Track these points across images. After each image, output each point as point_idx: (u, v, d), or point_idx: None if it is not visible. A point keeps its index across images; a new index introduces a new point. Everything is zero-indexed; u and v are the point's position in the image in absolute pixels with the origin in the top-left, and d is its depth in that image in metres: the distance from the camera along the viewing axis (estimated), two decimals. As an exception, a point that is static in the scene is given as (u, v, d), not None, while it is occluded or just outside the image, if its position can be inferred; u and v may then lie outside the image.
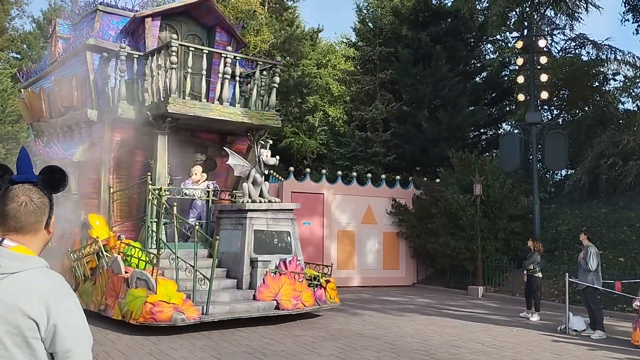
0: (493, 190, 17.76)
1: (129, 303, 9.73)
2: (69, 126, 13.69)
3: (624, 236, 16.06)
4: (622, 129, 19.28)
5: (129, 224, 12.64)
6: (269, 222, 12.00)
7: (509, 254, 17.59)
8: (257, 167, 12.19)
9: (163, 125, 12.08)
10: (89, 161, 12.75)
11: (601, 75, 23.24)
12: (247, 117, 12.87)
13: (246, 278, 11.39)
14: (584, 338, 10.43)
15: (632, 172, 17.42)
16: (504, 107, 26.06)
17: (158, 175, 12.07)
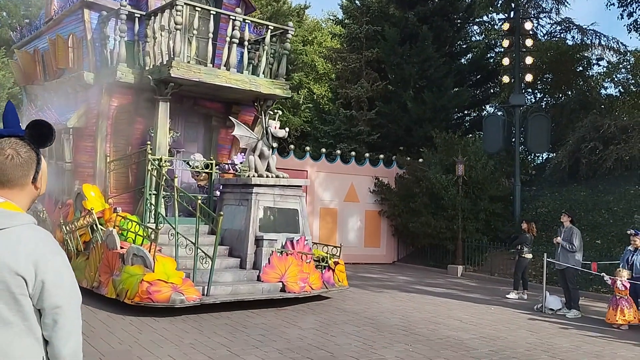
0: (475, 171, 17.91)
1: (124, 281, 9.09)
2: (64, 89, 12.81)
3: (601, 219, 16.32)
4: (603, 113, 19.48)
5: (125, 196, 11.88)
6: (276, 199, 11.27)
7: (489, 235, 17.80)
8: (264, 139, 11.44)
9: (165, 90, 11.30)
10: (85, 127, 12.01)
11: (585, 60, 23.42)
12: (255, 85, 12.06)
13: (250, 257, 10.69)
14: (560, 317, 10.65)
15: (611, 157, 17.65)
16: (489, 89, 26.17)
17: (158, 145, 11.29)
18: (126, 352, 6.88)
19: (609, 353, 7.94)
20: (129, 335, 7.61)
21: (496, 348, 7.90)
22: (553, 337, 8.80)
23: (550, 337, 8.78)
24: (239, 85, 11.81)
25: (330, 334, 8.30)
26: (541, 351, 7.84)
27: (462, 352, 7.56)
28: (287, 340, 7.81)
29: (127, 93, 11.82)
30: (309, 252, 11.21)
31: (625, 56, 22.83)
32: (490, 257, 16.87)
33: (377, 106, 22.84)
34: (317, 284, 10.89)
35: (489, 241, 17.37)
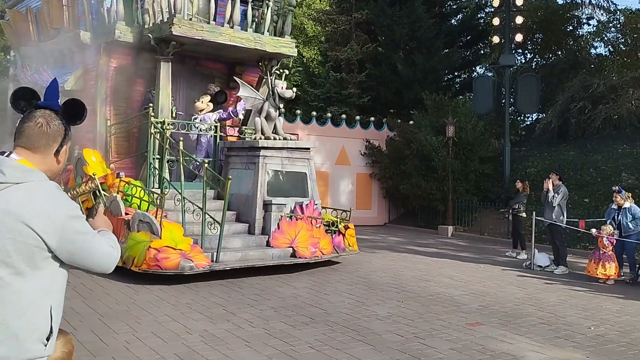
0: (465, 132, 17.99)
1: (130, 248, 8.79)
2: (59, 50, 12.25)
3: (589, 178, 16.53)
4: (593, 73, 19.52)
5: (128, 161, 11.41)
6: (284, 162, 10.89)
7: (478, 195, 18.00)
8: (270, 100, 11.03)
9: (166, 50, 10.81)
10: (83, 90, 11.47)
11: (575, 19, 23.31)
12: (260, 44, 11.53)
13: (259, 222, 10.38)
14: (548, 273, 10.90)
15: (600, 116, 17.77)
16: (479, 50, 26.06)
17: (161, 107, 10.86)
18: (124, 312, 7.02)
19: (594, 306, 8.17)
20: (126, 297, 7.74)
21: (485, 303, 8.11)
22: (541, 293, 9.02)
23: (538, 293, 9.01)
24: (243, 44, 11.30)
25: (324, 292, 8.48)
26: (529, 305, 8.05)
27: (452, 308, 7.76)
28: (282, 298, 7.98)
29: (126, 53, 11.34)
30: (319, 216, 10.94)
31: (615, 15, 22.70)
32: (480, 217, 17.11)
33: (367, 68, 22.74)
34: (328, 249, 10.63)
35: (479, 201, 17.58)
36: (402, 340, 6.19)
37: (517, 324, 6.98)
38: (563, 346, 6.13)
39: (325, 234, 10.82)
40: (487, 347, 5.99)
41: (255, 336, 6.18)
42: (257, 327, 6.55)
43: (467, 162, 17.99)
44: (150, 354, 5.49)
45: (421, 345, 6.03)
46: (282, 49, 11.94)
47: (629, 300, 8.64)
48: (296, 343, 5.98)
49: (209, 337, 6.11)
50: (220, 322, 6.70)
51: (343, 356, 5.59)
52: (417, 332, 6.49)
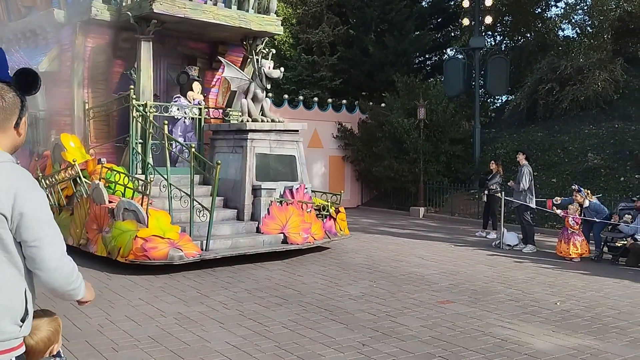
0: (436, 114, 18.16)
1: (115, 238, 8.45)
2: (31, 30, 11.64)
3: (557, 158, 16.86)
4: (560, 55, 19.79)
5: (108, 146, 11.01)
6: (272, 145, 10.52)
7: (449, 177, 18.24)
8: (257, 81, 10.67)
9: (147, 29, 10.34)
10: (58, 72, 11.01)
11: (543, 1, 23.57)
12: (245, 22, 11.12)
13: (248, 208, 10.05)
14: (516, 252, 11.14)
15: (567, 97, 18.08)
16: (449, 32, 26.20)
17: (142, 89, 10.42)
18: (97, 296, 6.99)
19: (561, 282, 8.40)
20: (99, 282, 7.71)
21: (456, 282, 8.28)
22: (509, 271, 9.24)
23: (506, 271, 9.22)
24: (227, 22, 10.92)
25: (297, 274, 8.56)
26: (498, 283, 8.25)
27: (423, 287, 7.91)
28: (255, 280, 8.04)
29: (103, 32, 10.83)
30: (310, 201, 10.63)
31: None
32: (451, 199, 17.34)
33: (339, 51, 22.70)
34: (319, 234, 10.37)
35: (450, 183, 17.82)
36: (374, 318, 6.31)
37: (486, 301, 7.15)
38: (530, 321, 6.31)
39: (317, 218, 10.54)
40: (457, 324, 6.14)
41: (229, 317, 6.24)
42: (231, 308, 6.61)
43: (438, 144, 18.18)
44: (124, 337, 5.51)
45: (393, 323, 6.15)
46: (267, 27, 11.59)
47: (593, 276, 8.91)
48: (270, 323, 6.05)
49: (182, 319, 6.15)
50: (194, 304, 6.74)
51: (316, 335, 5.68)
52: (389, 311, 6.61)
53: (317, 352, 5.20)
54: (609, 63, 18.26)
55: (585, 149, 16.59)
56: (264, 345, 5.37)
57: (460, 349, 5.36)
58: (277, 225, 9.89)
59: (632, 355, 5.26)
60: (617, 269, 9.67)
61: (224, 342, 5.42)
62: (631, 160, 15.33)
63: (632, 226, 10.03)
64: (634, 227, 9.99)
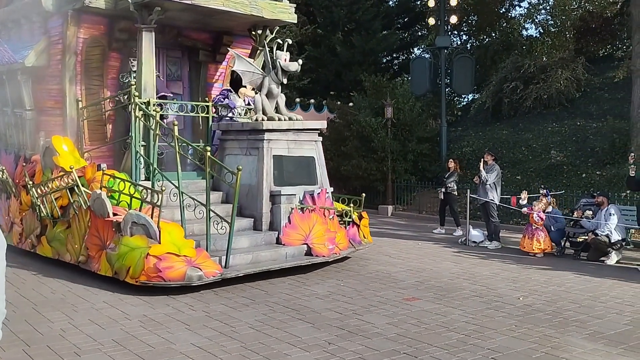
0: (403, 113, 18.29)
1: (123, 256, 7.42)
2: (15, 20, 10.57)
3: (521, 156, 17.15)
4: (524, 54, 20.17)
5: (103, 150, 9.88)
6: (290, 145, 9.51)
7: (417, 175, 18.39)
8: (272, 75, 9.57)
9: (149, 17, 9.22)
10: (47, 66, 9.97)
11: (508, 1, 23.99)
12: (257, 9, 10.09)
13: (266, 217, 9.03)
14: (482, 248, 11.30)
15: (531, 96, 18.42)
16: (416, 31, 26.48)
17: (144, 85, 9.34)
18: (59, 300, 6.89)
19: (524, 278, 8.56)
20: (62, 285, 7.59)
21: (422, 279, 8.36)
22: (474, 267, 9.37)
23: (472, 267, 9.36)
24: (237, 9, 9.82)
25: (264, 274, 8.53)
26: (463, 279, 8.36)
27: (390, 284, 7.98)
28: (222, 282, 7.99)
29: (98, 22, 9.81)
30: (332, 206, 9.66)
31: (545, -3, 23.54)
32: (419, 197, 17.50)
33: (307, 50, 22.74)
34: (344, 244, 9.41)
35: (417, 181, 17.97)
36: (341, 317, 6.34)
37: (451, 298, 7.25)
38: (493, 317, 6.42)
39: (340, 226, 9.58)
40: (422, 321, 6.21)
41: (195, 319, 6.20)
42: (197, 310, 6.58)
43: (405, 143, 18.32)
44: (87, 341, 5.44)
45: (359, 321, 6.19)
46: (280, 14, 10.61)
47: (555, 271, 9.09)
48: (236, 324, 6.04)
49: (148, 321, 6.10)
50: (159, 306, 6.68)
51: (283, 335, 5.69)
52: (356, 309, 6.66)
53: (283, 352, 5.21)
54: (571, 62, 18.65)
55: (549, 146, 16.92)
56: (230, 346, 5.36)
57: (425, 345, 5.43)
58: (299, 236, 8.93)
59: (592, 348, 5.40)
60: (579, 263, 9.89)
61: (189, 344, 5.39)
62: (592, 157, 15.68)
63: (593, 221, 10.26)
64: (594, 223, 10.22)
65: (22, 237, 9.76)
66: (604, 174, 14.79)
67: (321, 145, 10.06)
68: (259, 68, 9.92)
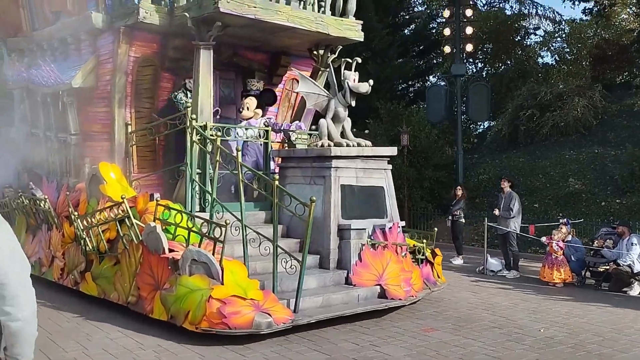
0: (419, 140, 18.28)
1: (181, 299, 6.56)
2: (62, 39, 9.81)
3: (539, 183, 17.00)
4: (540, 82, 20.14)
5: (154, 177, 9.14)
6: (359, 174, 8.66)
7: (433, 202, 18.28)
8: (339, 97, 8.77)
9: (208, 33, 8.46)
10: (95, 88, 9.26)
11: (523, 29, 24.08)
12: (322, 26, 9.23)
13: (333, 253, 8.10)
14: (500, 277, 11.14)
15: (548, 123, 18.34)
16: (431, 59, 26.55)
17: (200, 107, 8.50)
18: (74, 329, 6.86)
19: (545, 308, 8.39)
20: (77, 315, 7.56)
21: (440, 309, 8.23)
22: (493, 297, 9.22)
23: (490, 297, 9.20)
24: (303, 25, 8.97)
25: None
26: (482, 310, 8.22)
27: (408, 314, 7.85)
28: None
29: (151, 39, 9.05)
30: (404, 242, 8.75)
31: (560, 25, 23.58)
32: (435, 224, 17.34)
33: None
34: (418, 284, 8.42)
35: (434, 208, 17.85)
36: (358, 348, 6.24)
37: (470, 329, 7.11)
38: (514, 349, 6.27)
39: (413, 264, 8.66)
40: (441, 353, 6.09)
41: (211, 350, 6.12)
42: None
43: (421, 170, 18.26)
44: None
45: (377, 352, 6.08)
46: (347, 32, 9.81)
47: (577, 302, 8.91)
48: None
49: (162, 351, 6.03)
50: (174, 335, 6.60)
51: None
52: (373, 340, 6.54)
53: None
54: (588, 89, 18.58)
55: (566, 174, 16.76)
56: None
57: (444, 378, 5.30)
58: (372, 275, 8.00)
59: (616, 383, 5.24)
60: (600, 294, 9.69)
61: (204, 375, 5.30)
62: (611, 185, 15.50)
63: (615, 251, 10.09)
64: (616, 252, 10.05)
65: (63, 273, 8.80)
66: (624, 202, 14.61)
67: (391, 174, 9.27)
68: (325, 90, 9.08)
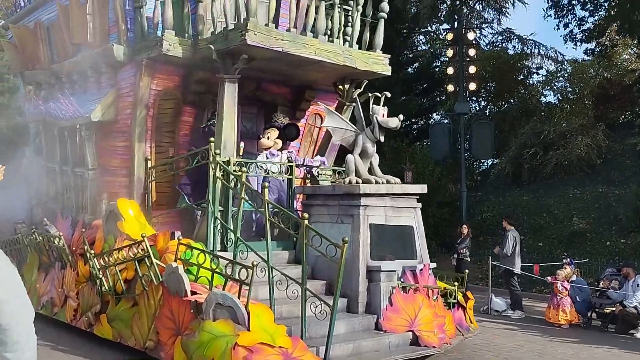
0: (423, 178, 18.30)
1: (205, 345, 6.10)
2: (81, 72, 9.63)
3: (543, 222, 16.95)
4: (543, 120, 20.27)
5: (173, 214, 8.87)
6: (388, 213, 8.23)
7: (437, 240, 18.20)
8: (367, 132, 8.45)
9: (234, 66, 8.14)
10: (115, 121, 8.97)
11: (526, 68, 24.33)
12: (350, 59, 8.93)
13: (362, 297, 7.67)
14: (505, 317, 11.04)
15: (551, 162, 18.39)
16: (435, 97, 26.77)
17: (224, 142, 8.17)
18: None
19: (550, 351, 8.28)
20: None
21: (443, 350, 8.11)
22: (497, 338, 9.12)
23: (494, 338, 9.10)
24: (331, 59, 8.64)
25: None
26: (486, 351, 8.12)
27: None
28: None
29: (173, 72, 8.82)
30: (435, 285, 8.33)
31: (563, 65, 23.83)
32: (439, 261, 17.22)
33: (327, 115, 23.05)
34: (451, 330, 7.93)
35: (437, 246, 17.77)
36: (361, 390, 6.14)
37: (474, 371, 7.02)
38: (519, 393, 6.18)
39: (445, 309, 8.17)
40: (445, 396, 6.00)
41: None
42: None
43: (425, 207, 18.14)
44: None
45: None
46: (374, 65, 9.51)
47: (583, 344, 8.80)
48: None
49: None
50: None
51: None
52: (376, 382, 6.45)
53: None
54: (591, 128, 18.69)
55: (571, 212, 16.73)
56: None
57: (449, 423, 5.21)
58: (403, 321, 7.51)
59: None
60: (607, 336, 9.59)
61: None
62: (616, 225, 15.45)
63: (621, 292, 10.01)
64: (622, 294, 9.97)
65: (77, 314, 8.36)
66: (629, 242, 14.54)
67: (420, 213, 8.84)
68: (352, 124, 8.75)
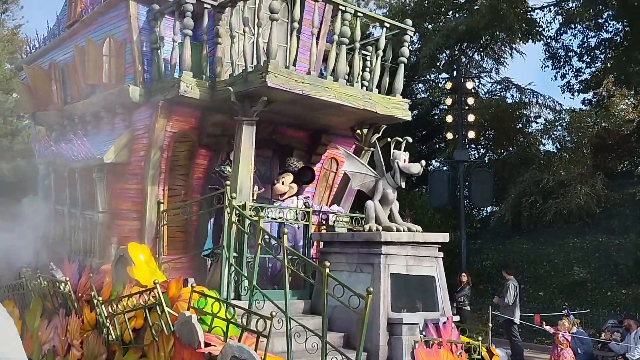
0: (422, 224, 18.09)
1: None
2: (95, 113, 9.43)
3: (543, 271, 16.83)
4: (542, 168, 20.36)
5: (185, 260, 8.54)
6: (409, 262, 7.87)
7: (436, 288, 18.07)
8: (387, 178, 8.23)
9: (252, 108, 7.98)
10: (128, 163, 8.78)
11: (524, 117, 24.59)
12: (370, 104, 8.70)
13: (383, 351, 7.23)
14: (505, 370, 10.82)
15: (551, 210, 18.37)
16: (434, 144, 27.00)
17: (240, 185, 7.92)
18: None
19: (552, 405, 8.10)
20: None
21: (443, 403, 7.93)
22: (499, 391, 8.92)
23: (496, 391, 8.89)
24: (351, 103, 8.46)
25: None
26: (487, 405, 7.93)
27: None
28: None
29: (189, 114, 8.63)
30: (458, 339, 7.82)
31: (561, 114, 24.12)
32: (438, 310, 17.09)
33: (326, 161, 23.18)
34: None
35: (437, 294, 17.62)
36: None
37: None
38: None
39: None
40: None
41: None
42: None
43: (424, 255, 18.16)
44: None
45: None
46: (394, 110, 9.23)
47: (585, 398, 8.62)
48: None
49: None
50: None
51: None
52: None
53: None
54: (590, 177, 18.75)
55: (571, 261, 16.63)
56: None
57: None
58: None
59: None
60: (610, 390, 9.39)
61: None
62: (617, 275, 15.35)
63: (623, 345, 9.87)
64: (624, 346, 9.82)
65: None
66: (630, 292, 14.42)
67: (442, 263, 8.39)
68: (372, 170, 8.48)
